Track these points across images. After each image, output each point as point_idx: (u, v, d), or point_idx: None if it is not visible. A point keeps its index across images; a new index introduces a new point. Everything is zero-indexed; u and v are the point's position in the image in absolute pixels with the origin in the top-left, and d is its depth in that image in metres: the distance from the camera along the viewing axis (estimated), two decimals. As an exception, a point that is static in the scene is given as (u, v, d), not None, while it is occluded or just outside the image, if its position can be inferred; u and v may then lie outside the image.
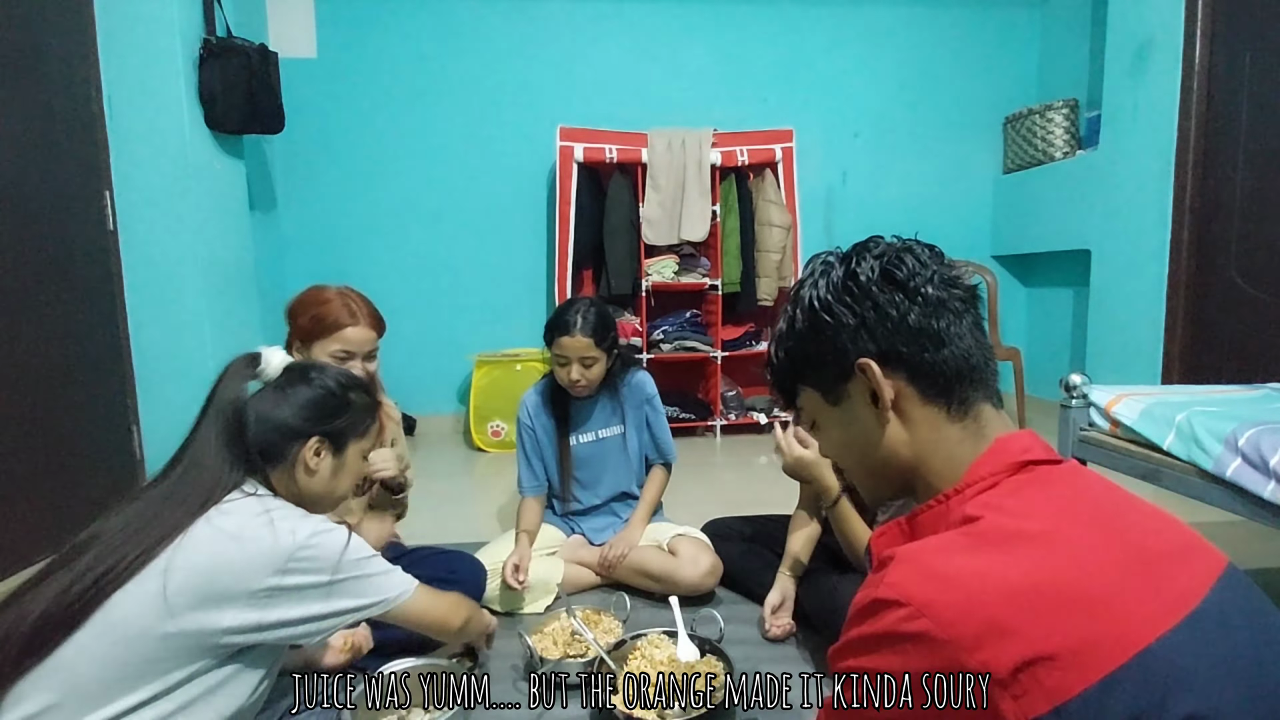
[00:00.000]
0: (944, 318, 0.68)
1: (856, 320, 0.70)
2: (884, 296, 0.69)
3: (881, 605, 0.55)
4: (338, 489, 1.12)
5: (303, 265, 3.95)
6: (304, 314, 1.56)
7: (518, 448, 2.05)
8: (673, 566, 1.86)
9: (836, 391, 0.74)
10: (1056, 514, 0.59)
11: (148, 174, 2.71)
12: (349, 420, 1.12)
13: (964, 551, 0.56)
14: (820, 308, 0.72)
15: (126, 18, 2.64)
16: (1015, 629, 0.50)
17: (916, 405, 0.69)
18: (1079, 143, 3.70)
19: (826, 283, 0.73)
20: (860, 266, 0.71)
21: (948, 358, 0.68)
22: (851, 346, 0.70)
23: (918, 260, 0.70)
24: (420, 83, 3.93)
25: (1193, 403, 1.79)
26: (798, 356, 0.76)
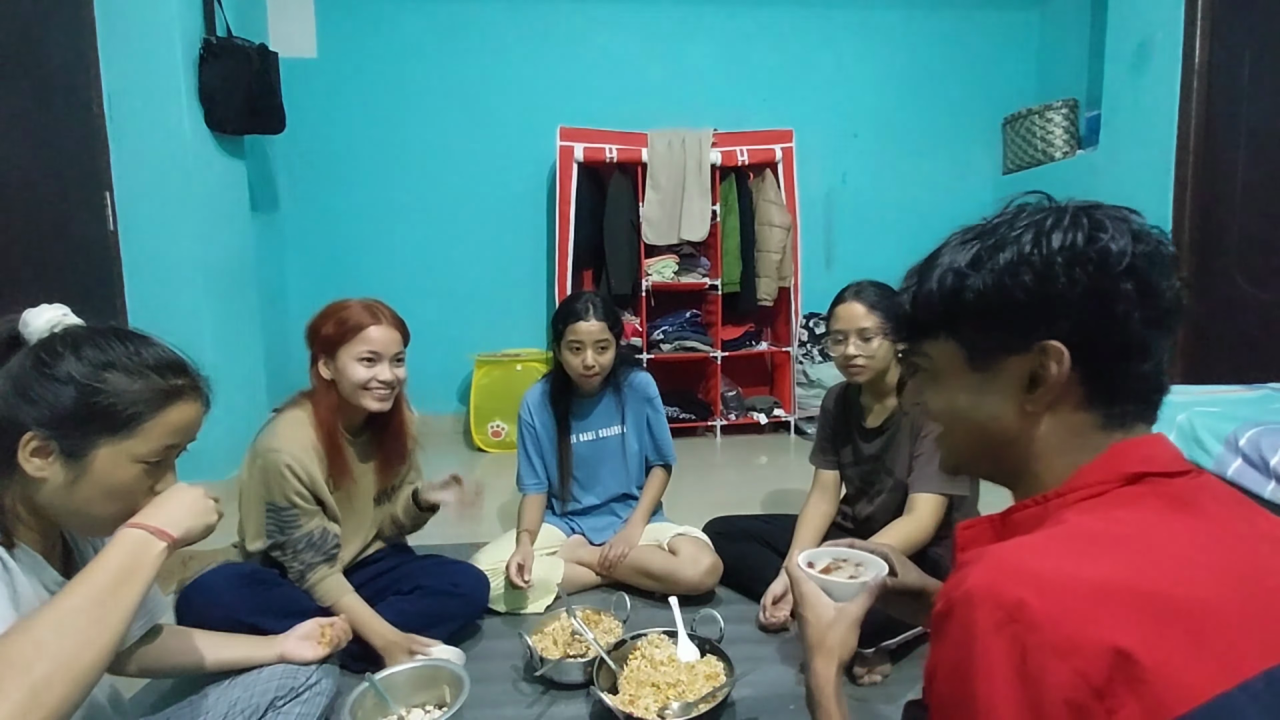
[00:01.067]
0: (1160, 328, 0.59)
1: (1078, 296, 0.58)
2: (1124, 285, 0.58)
3: (967, 608, 0.51)
4: (89, 508, 0.83)
5: (303, 265, 3.95)
6: (326, 324, 1.53)
7: (519, 445, 2.05)
8: (673, 566, 1.86)
9: (989, 358, 0.63)
10: (1169, 528, 0.53)
11: (148, 174, 2.71)
12: (90, 410, 0.80)
13: (1058, 553, 0.52)
14: (1041, 263, 0.59)
15: (126, 18, 2.64)
16: (1113, 637, 0.46)
17: (1073, 407, 0.61)
18: (1079, 143, 3.70)
19: (1066, 237, 0.59)
20: (1115, 241, 0.58)
21: (1141, 372, 0.60)
22: (1045, 321, 0.59)
23: (1166, 255, 0.59)
24: (420, 83, 3.93)
25: (1193, 403, 1.80)
26: (972, 302, 0.62)
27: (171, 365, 0.88)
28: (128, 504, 0.84)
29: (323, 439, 1.53)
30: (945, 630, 0.53)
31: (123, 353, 0.85)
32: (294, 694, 1.19)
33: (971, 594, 0.51)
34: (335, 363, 1.52)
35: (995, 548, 0.54)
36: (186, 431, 0.89)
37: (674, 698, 1.35)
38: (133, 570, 0.77)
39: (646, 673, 1.43)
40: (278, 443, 1.48)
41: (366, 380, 1.51)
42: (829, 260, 4.23)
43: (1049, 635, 0.47)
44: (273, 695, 1.16)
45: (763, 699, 1.46)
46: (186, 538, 0.84)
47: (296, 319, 4.07)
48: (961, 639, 0.51)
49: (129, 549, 0.79)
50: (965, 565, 0.54)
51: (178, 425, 0.87)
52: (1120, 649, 0.46)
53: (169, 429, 0.86)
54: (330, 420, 1.54)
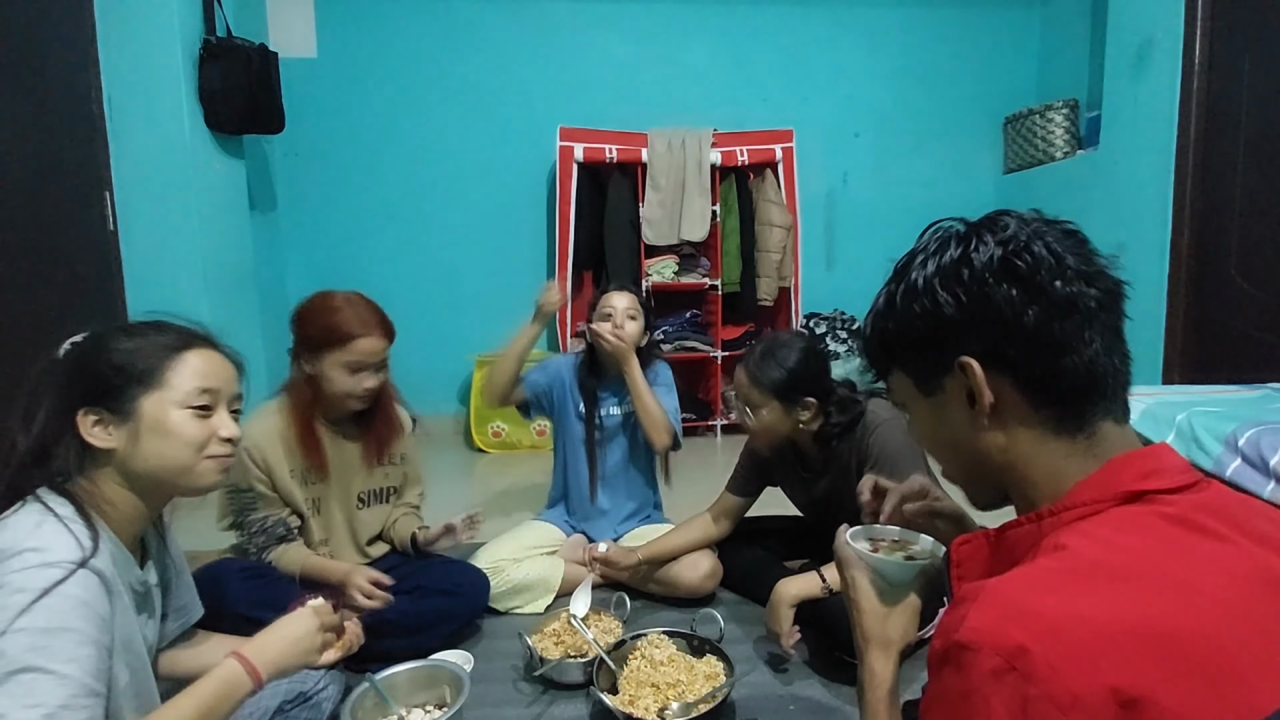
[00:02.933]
0: (1070, 320, 0.59)
1: (963, 314, 0.61)
2: (999, 291, 0.59)
3: (964, 652, 0.49)
4: (164, 459, 0.91)
5: (303, 265, 3.95)
6: (312, 324, 1.52)
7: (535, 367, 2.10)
8: (672, 569, 1.86)
9: (931, 383, 0.66)
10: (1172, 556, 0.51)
11: (148, 174, 2.71)
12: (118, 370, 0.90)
13: (1058, 588, 0.50)
14: (924, 291, 0.63)
15: (126, 18, 2.64)
16: (1117, 683, 0.44)
17: (1020, 414, 0.61)
18: (1079, 143, 3.70)
19: (937, 264, 0.63)
20: (977, 252, 0.61)
21: (1066, 368, 0.59)
22: (953, 340, 0.62)
23: (1048, 249, 0.60)
24: (420, 83, 3.93)
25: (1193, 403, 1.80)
26: (893, 337, 0.68)
27: (171, 325, 0.98)
28: (193, 446, 0.93)
29: (297, 429, 1.54)
30: (943, 673, 0.52)
31: (119, 329, 0.95)
32: (302, 699, 1.19)
33: (969, 638, 0.49)
34: (319, 363, 1.52)
35: (992, 584, 0.52)
36: (214, 376, 0.96)
37: (674, 698, 1.36)
38: (217, 708, 0.86)
39: (646, 673, 1.43)
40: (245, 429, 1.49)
41: (351, 388, 1.52)
42: (829, 260, 4.23)
43: (1050, 687, 0.45)
44: (280, 699, 1.17)
45: (763, 699, 1.46)
46: (278, 676, 0.94)
47: (296, 319, 4.07)
48: (960, 685, 0.49)
49: (222, 688, 0.87)
50: (963, 602, 0.52)
51: (201, 369, 0.95)
52: (1126, 696, 0.44)
53: (194, 373, 0.94)
54: (305, 410, 1.55)
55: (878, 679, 0.78)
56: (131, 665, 0.90)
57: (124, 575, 0.90)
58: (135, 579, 0.93)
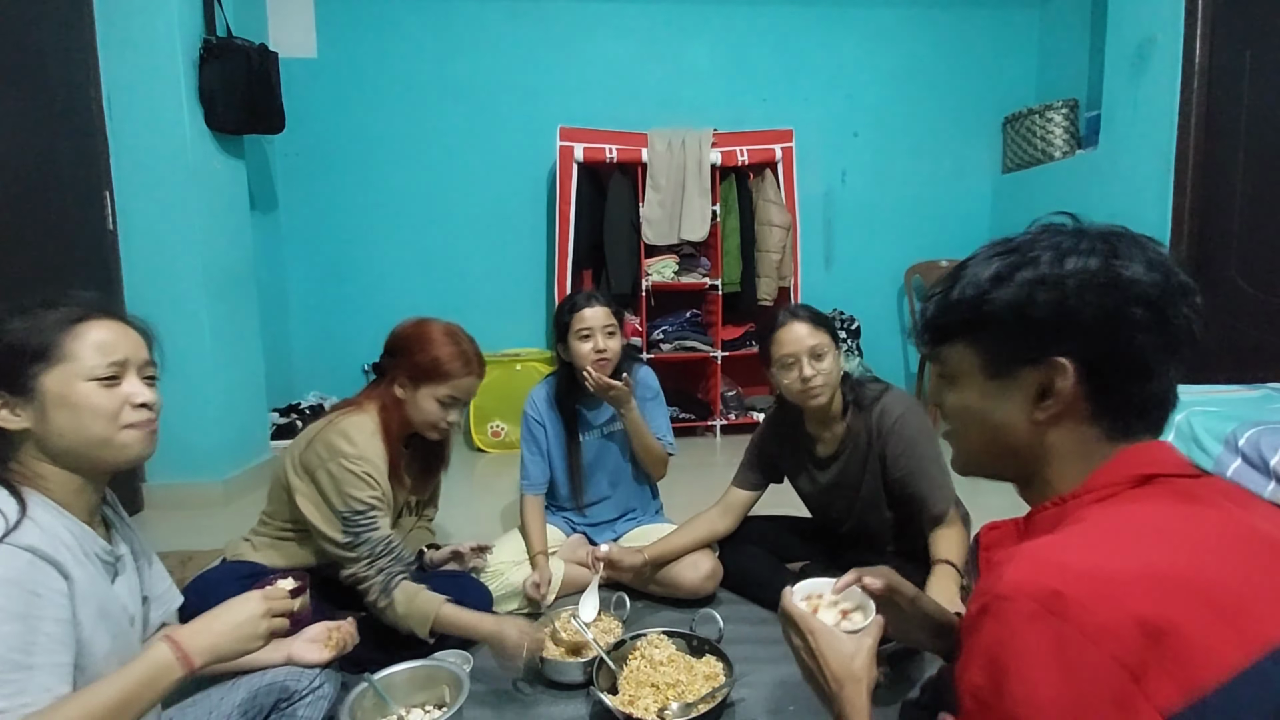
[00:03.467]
0: (1170, 352, 0.63)
1: (1089, 319, 0.61)
2: (1133, 312, 0.61)
3: (1002, 603, 0.53)
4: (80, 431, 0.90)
5: (302, 265, 3.95)
6: (421, 353, 1.52)
7: (524, 442, 2.04)
8: (673, 570, 1.85)
9: (1005, 368, 0.66)
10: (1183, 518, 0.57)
11: (148, 174, 2.71)
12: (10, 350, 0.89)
13: (1083, 546, 0.55)
14: (1055, 283, 0.62)
15: (126, 18, 2.64)
16: (1142, 616, 0.49)
17: (1078, 418, 0.64)
18: (1079, 143, 3.70)
19: (1080, 261, 0.62)
20: (1129, 269, 0.61)
21: (1147, 392, 0.63)
22: (1061, 339, 0.62)
23: (1180, 285, 0.62)
24: (420, 83, 3.93)
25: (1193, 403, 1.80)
26: (994, 312, 0.66)
27: (65, 300, 0.94)
28: (106, 416, 0.91)
29: (389, 450, 1.54)
30: (982, 625, 0.55)
31: (11, 309, 0.92)
32: (297, 697, 1.19)
33: (1006, 589, 0.54)
34: (414, 392, 1.53)
35: (1025, 546, 0.57)
36: (118, 345, 0.94)
37: (673, 698, 1.36)
38: (144, 691, 0.84)
39: (646, 673, 1.43)
40: (357, 450, 1.46)
41: (438, 420, 1.54)
42: (829, 260, 4.23)
43: (1082, 623, 0.50)
44: (276, 698, 1.16)
45: (763, 699, 1.46)
46: (215, 661, 0.92)
47: (296, 319, 4.10)
48: (999, 632, 0.53)
49: (150, 671, 0.85)
50: (998, 565, 0.57)
51: (102, 340, 0.93)
52: (1151, 626, 0.49)
53: (95, 345, 0.92)
54: (397, 434, 1.55)
55: (859, 710, 0.82)
56: (111, 631, 0.90)
57: (85, 546, 0.90)
58: (100, 549, 0.93)
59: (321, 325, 4.00)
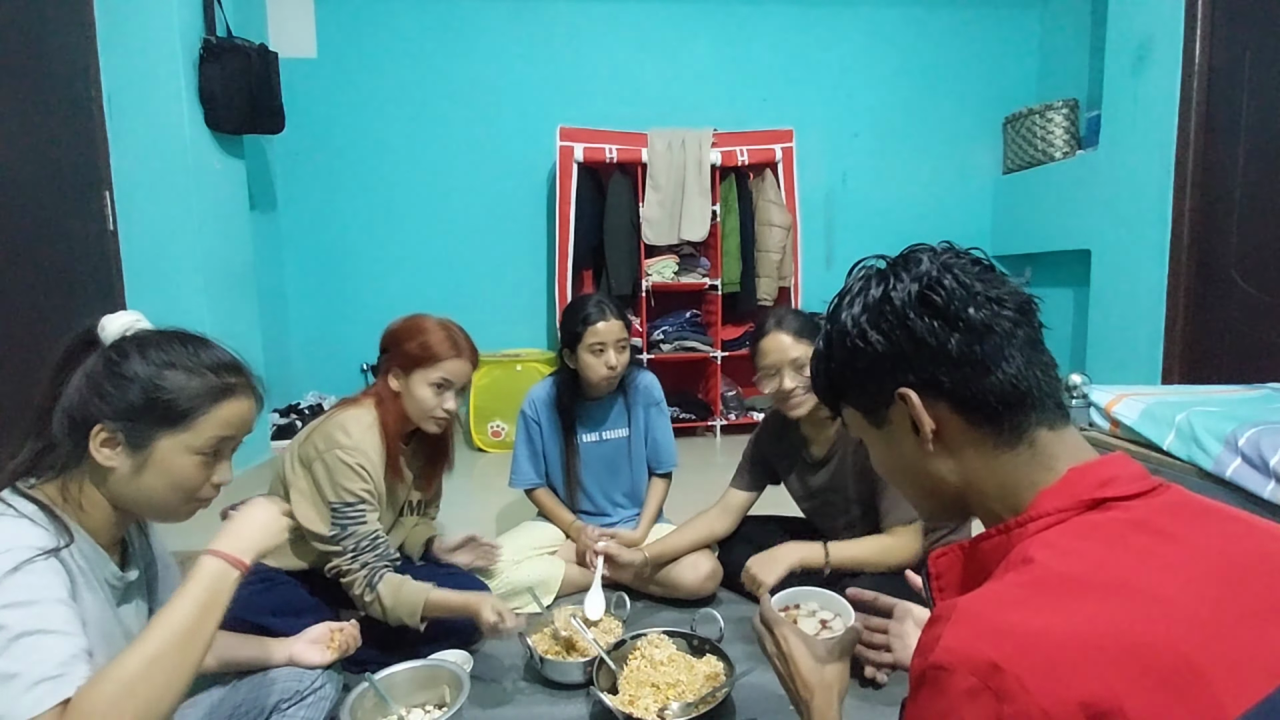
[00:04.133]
0: (989, 341, 0.63)
1: (893, 348, 0.65)
2: (921, 324, 0.64)
3: (940, 673, 0.51)
4: (153, 495, 0.89)
5: (302, 265, 3.95)
6: (411, 341, 1.54)
7: (519, 440, 2.03)
8: (673, 571, 1.85)
9: (878, 415, 0.70)
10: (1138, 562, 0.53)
11: (148, 174, 2.72)
12: (154, 403, 0.86)
13: (1027, 603, 0.51)
14: (853, 331, 0.68)
15: (126, 18, 2.64)
16: (1085, 699, 0.46)
17: (961, 433, 0.65)
18: (1079, 143, 3.70)
19: (863, 304, 0.68)
20: (896, 290, 0.65)
21: (993, 385, 0.63)
22: (889, 374, 0.66)
23: (958, 281, 0.64)
24: (420, 83, 3.93)
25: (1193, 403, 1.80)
26: (835, 376, 0.72)
27: (227, 365, 0.93)
28: (188, 492, 0.91)
29: (387, 444, 1.55)
30: (920, 695, 0.53)
31: (183, 353, 0.90)
32: (298, 698, 1.19)
33: (944, 659, 0.51)
34: (407, 380, 1.54)
35: (965, 601, 0.54)
36: (239, 426, 0.94)
37: (674, 698, 1.35)
38: (212, 603, 0.84)
39: (646, 673, 1.43)
40: (352, 441, 1.48)
41: (434, 407, 1.54)
42: (829, 260, 4.23)
43: (1022, 705, 0.47)
44: (277, 698, 1.16)
45: (763, 699, 1.46)
46: (259, 557, 0.92)
47: (295, 318, 4.09)
48: (938, 705, 0.51)
49: (208, 582, 0.84)
50: (937, 621, 0.54)
51: (230, 419, 0.92)
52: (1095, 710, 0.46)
53: (221, 423, 0.91)
54: (395, 428, 1.56)
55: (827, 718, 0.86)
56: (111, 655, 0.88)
57: (97, 571, 0.88)
58: (111, 574, 0.91)
59: (321, 325, 4.00)
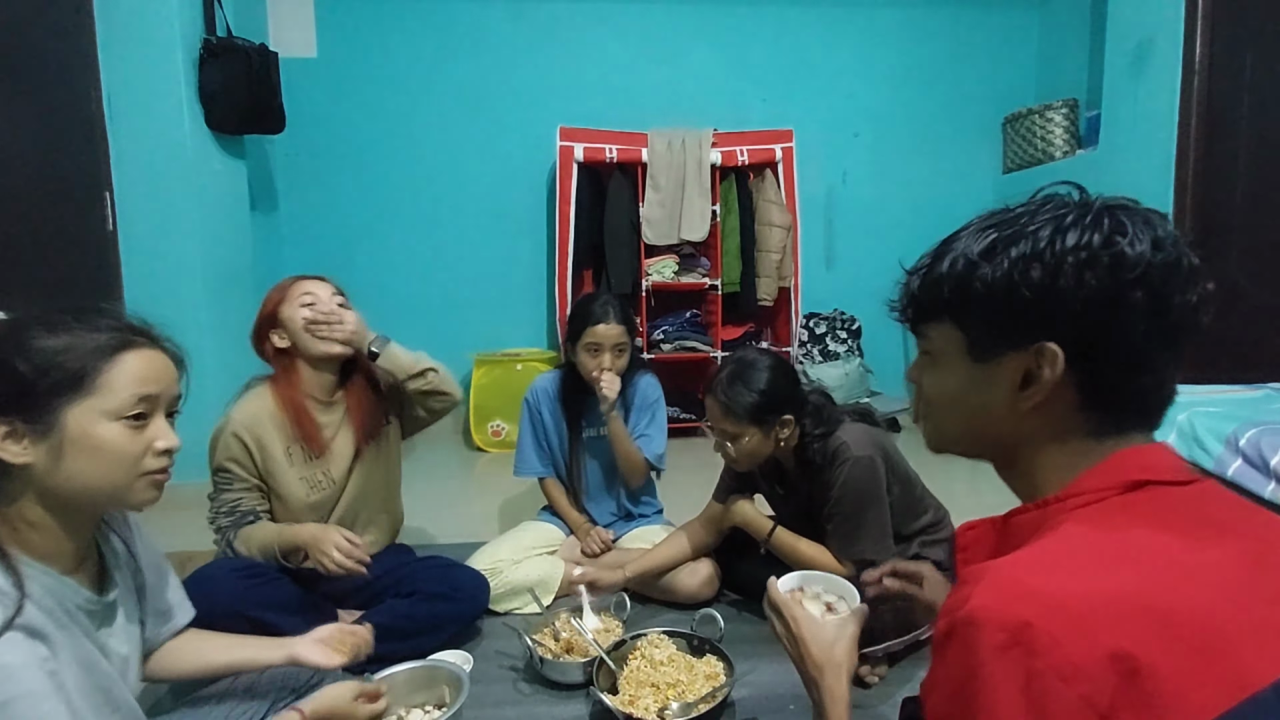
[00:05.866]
0: (1167, 346, 0.57)
1: (1082, 301, 0.56)
2: (1134, 294, 0.55)
3: (970, 629, 0.50)
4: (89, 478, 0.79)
5: (302, 265, 3.91)
6: (264, 303, 1.63)
7: (522, 431, 2.04)
8: (670, 577, 1.85)
9: (989, 350, 0.62)
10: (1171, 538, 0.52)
11: (148, 174, 2.71)
12: (36, 377, 0.76)
13: (1058, 568, 0.51)
14: (1050, 260, 0.57)
15: (126, 18, 2.64)
16: (1116, 652, 0.46)
17: (1065, 410, 0.60)
18: (1079, 142, 3.70)
19: (1081, 237, 0.57)
20: (1132, 246, 0.56)
21: (1139, 386, 0.58)
22: (1050, 321, 0.57)
23: (1189, 269, 0.57)
24: (420, 83, 3.93)
25: (1193, 403, 1.79)
26: (980, 290, 0.60)
27: (123, 323, 0.83)
28: (126, 464, 0.81)
29: (285, 406, 1.57)
30: (947, 651, 0.52)
31: (42, 320, 0.80)
32: (294, 694, 1.18)
33: (974, 615, 0.50)
34: (283, 323, 1.57)
35: (995, 565, 0.53)
36: (155, 380, 0.83)
37: (674, 698, 1.35)
38: None
39: (646, 673, 1.43)
40: (231, 412, 1.56)
41: (311, 317, 1.56)
42: (829, 260, 4.23)
43: (1052, 659, 0.46)
44: (273, 699, 1.16)
45: (763, 699, 1.46)
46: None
47: (296, 319, 4.06)
48: (964, 660, 0.50)
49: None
50: (966, 583, 0.53)
51: (142, 374, 0.82)
52: (1124, 664, 0.45)
53: (132, 378, 0.81)
54: (292, 391, 1.58)
55: (837, 698, 0.87)
56: (95, 685, 0.83)
57: (68, 601, 0.81)
58: (84, 600, 0.84)
59: (321, 325, 3.99)
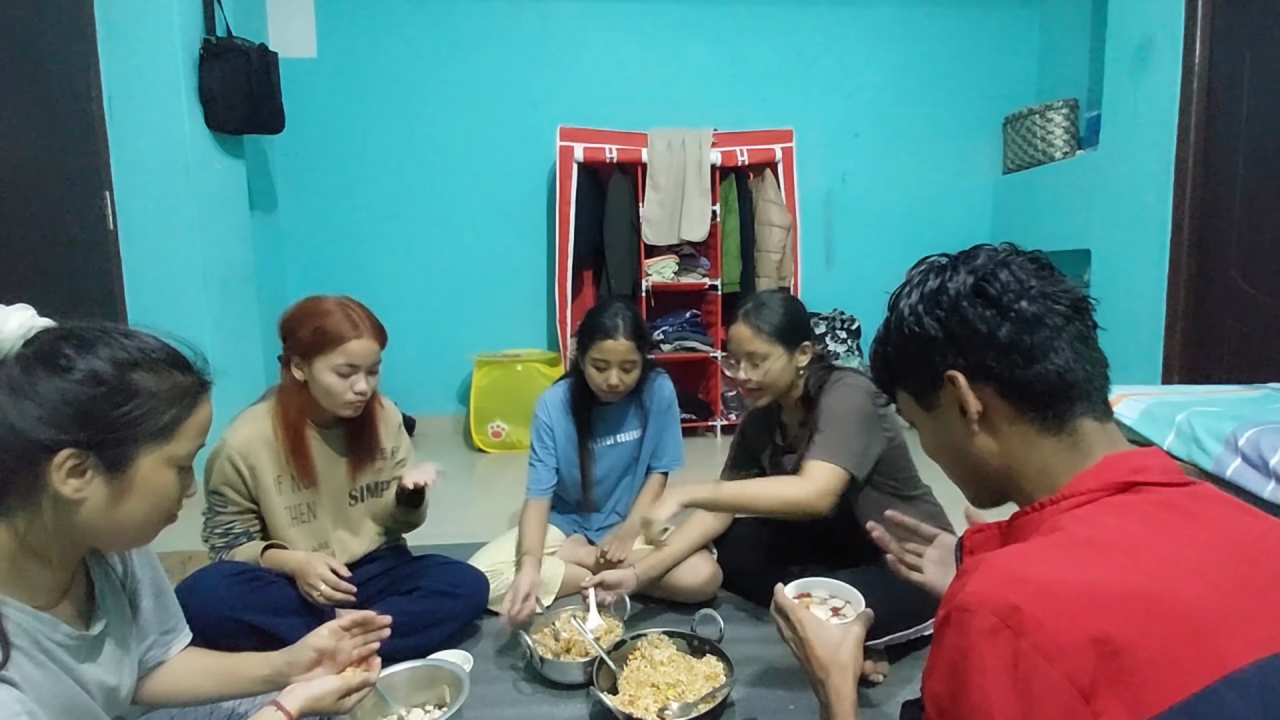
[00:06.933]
0: (1039, 332, 0.66)
1: (945, 333, 0.70)
2: (973, 312, 0.68)
3: (963, 614, 0.55)
4: (130, 522, 0.75)
5: (303, 265, 3.95)
6: (304, 327, 1.48)
7: (533, 446, 1.97)
8: (672, 575, 1.85)
9: (929, 398, 0.74)
10: (1158, 533, 0.56)
11: (148, 174, 2.71)
12: (130, 416, 0.72)
13: (1050, 559, 0.56)
14: (911, 319, 0.73)
15: (126, 18, 2.64)
16: (1097, 635, 0.49)
17: (1007, 418, 0.69)
18: (1079, 143, 3.70)
19: (920, 293, 0.73)
20: (953, 280, 0.71)
21: (1040, 374, 0.66)
22: (939, 359, 0.71)
23: (1014, 275, 0.69)
24: (420, 83, 3.93)
25: (1193, 403, 1.80)
26: (892, 361, 0.78)
27: (187, 361, 0.81)
28: (168, 511, 0.79)
29: (285, 436, 1.52)
30: (944, 634, 0.57)
31: (137, 349, 0.75)
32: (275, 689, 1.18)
33: (968, 601, 0.55)
34: (310, 368, 1.49)
35: (991, 555, 0.58)
36: (207, 432, 0.82)
37: (674, 698, 1.36)
38: None
39: (646, 673, 1.43)
40: (228, 435, 1.52)
41: (343, 392, 1.48)
42: (829, 260, 4.23)
43: (1038, 639, 0.50)
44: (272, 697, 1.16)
45: (763, 699, 1.46)
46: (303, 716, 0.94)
47: (296, 319, 4.07)
48: (959, 642, 0.55)
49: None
50: (964, 574, 0.58)
51: (205, 425, 0.81)
52: (1106, 646, 0.49)
53: (200, 429, 0.80)
54: (297, 419, 1.53)
55: (844, 697, 0.91)
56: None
57: (42, 639, 0.74)
58: (62, 636, 0.77)
59: (321, 325, 3.99)
